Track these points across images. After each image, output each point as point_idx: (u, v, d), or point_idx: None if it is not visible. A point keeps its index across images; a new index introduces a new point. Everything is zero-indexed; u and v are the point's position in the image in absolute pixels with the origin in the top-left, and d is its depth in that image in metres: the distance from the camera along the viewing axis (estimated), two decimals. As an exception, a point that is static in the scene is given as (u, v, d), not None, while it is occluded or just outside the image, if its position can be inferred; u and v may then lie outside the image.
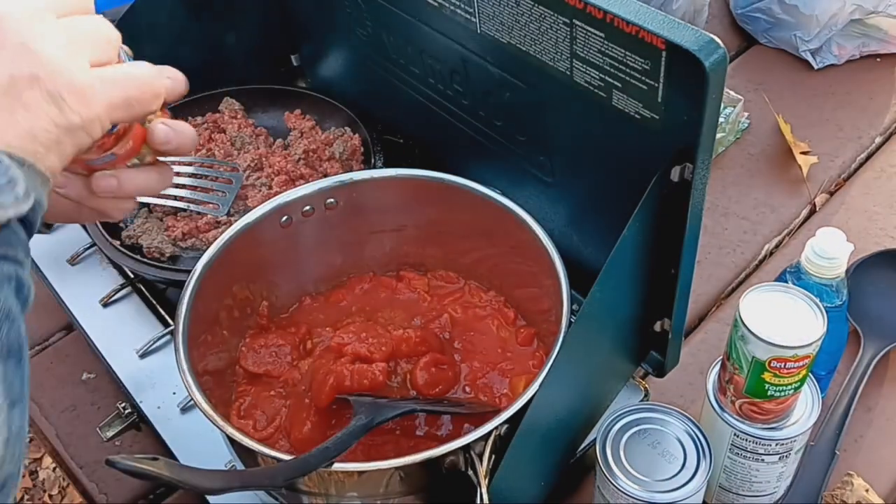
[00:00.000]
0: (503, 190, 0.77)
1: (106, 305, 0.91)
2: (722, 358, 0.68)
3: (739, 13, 1.27)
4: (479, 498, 0.59)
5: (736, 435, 0.68)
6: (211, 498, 0.74)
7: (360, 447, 0.68)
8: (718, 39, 0.53)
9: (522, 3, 0.64)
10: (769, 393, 0.64)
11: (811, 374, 0.66)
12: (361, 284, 0.85)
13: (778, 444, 0.67)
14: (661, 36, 0.54)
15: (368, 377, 0.70)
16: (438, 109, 0.85)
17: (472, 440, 0.60)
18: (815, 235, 0.69)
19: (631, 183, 0.60)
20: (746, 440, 0.67)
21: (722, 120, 1.07)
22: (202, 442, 0.76)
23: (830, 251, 0.68)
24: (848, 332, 0.78)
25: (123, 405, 0.83)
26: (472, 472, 0.60)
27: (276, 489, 0.58)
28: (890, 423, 0.81)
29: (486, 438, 0.60)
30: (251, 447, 0.61)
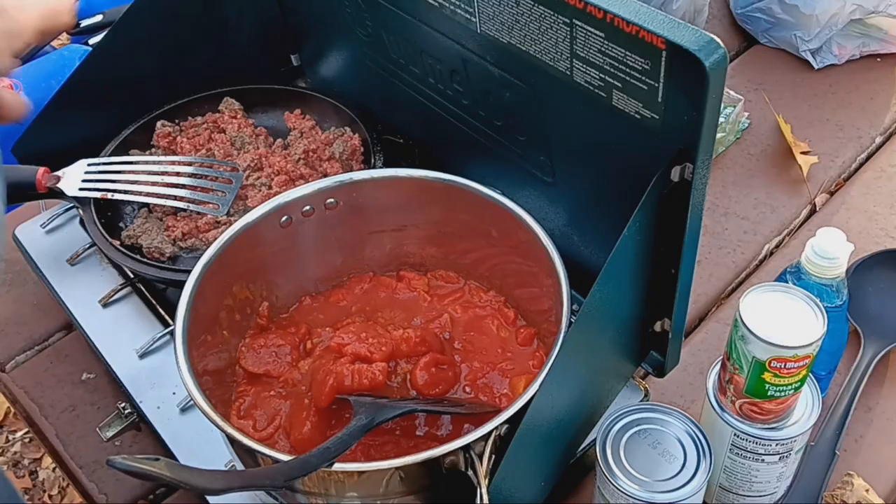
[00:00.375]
0: (503, 190, 0.77)
1: (106, 305, 0.91)
2: (722, 358, 0.68)
3: (739, 13, 1.27)
4: (479, 498, 0.59)
5: (736, 435, 0.68)
6: (211, 498, 0.74)
7: (360, 447, 0.68)
8: (718, 39, 0.53)
9: (522, 2, 0.64)
10: (769, 393, 0.64)
11: (811, 374, 0.66)
12: (361, 284, 0.85)
13: (778, 444, 0.67)
14: (661, 36, 0.54)
15: (368, 377, 0.69)
16: (438, 109, 0.85)
17: (472, 440, 0.60)
18: (815, 235, 0.69)
19: (631, 183, 0.60)
20: (746, 440, 0.67)
21: (722, 120, 1.07)
22: (202, 442, 0.76)
23: (830, 251, 0.68)
24: (848, 332, 0.78)
25: (123, 405, 0.83)
26: (471, 472, 0.60)
27: (276, 489, 0.58)
28: (890, 423, 0.81)
29: (486, 438, 0.60)
30: (251, 447, 0.61)
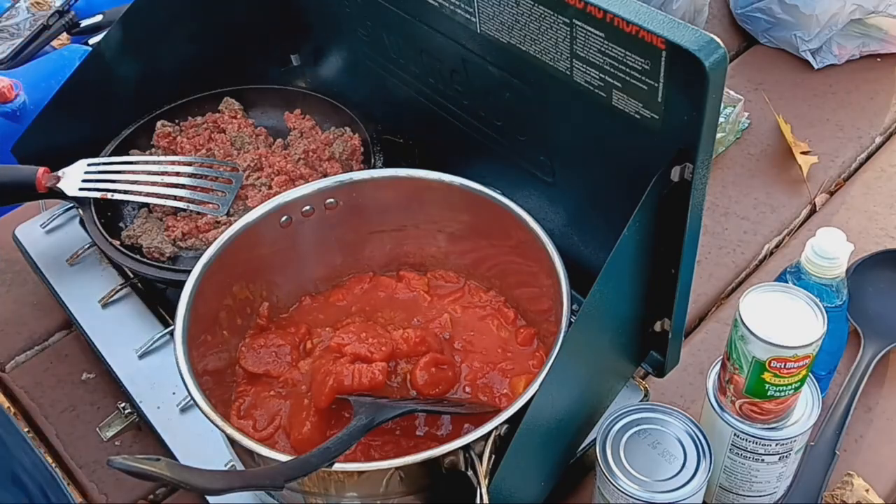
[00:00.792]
0: (503, 190, 0.77)
1: (105, 305, 0.91)
2: (722, 358, 0.68)
3: (739, 13, 1.27)
4: (479, 498, 0.59)
5: (736, 435, 0.68)
6: (211, 498, 0.74)
7: (359, 447, 0.68)
8: (718, 39, 0.53)
9: (522, 2, 0.64)
10: (769, 393, 0.64)
11: (811, 374, 0.66)
12: (361, 284, 0.85)
13: (778, 444, 0.67)
14: (661, 36, 0.54)
15: (368, 377, 0.69)
16: (438, 109, 0.85)
17: (472, 440, 0.60)
18: (815, 235, 0.69)
19: (631, 183, 0.60)
20: (746, 440, 0.67)
21: (722, 120, 1.07)
22: (202, 442, 0.76)
23: (830, 251, 0.68)
24: (848, 332, 0.78)
25: (123, 405, 0.83)
26: (471, 472, 0.60)
27: (276, 489, 0.58)
28: (890, 423, 0.81)
29: (486, 438, 0.60)
30: (251, 448, 0.61)
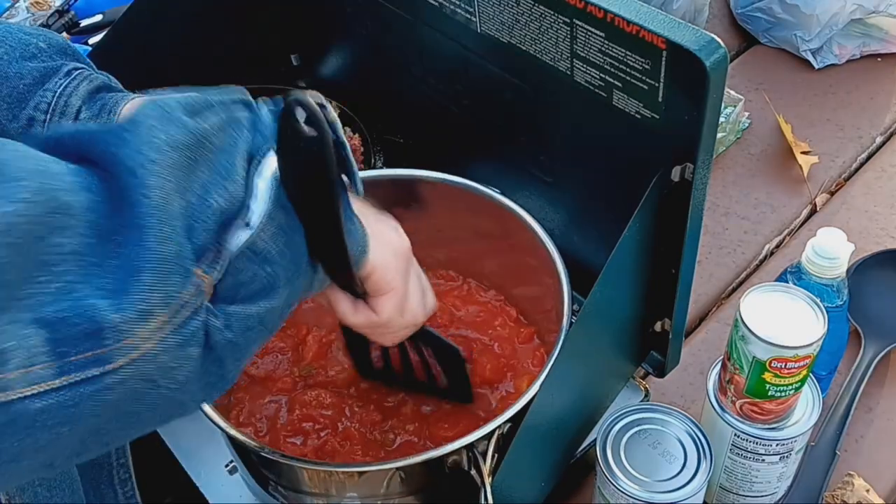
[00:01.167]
0: (503, 190, 0.77)
1: (106, 305, 0.90)
2: (722, 358, 0.68)
3: (740, 13, 1.27)
4: (483, 497, 0.59)
5: (736, 435, 0.67)
6: (212, 498, 0.74)
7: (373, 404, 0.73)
8: (719, 39, 0.53)
9: (523, 2, 0.64)
10: (770, 393, 0.64)
11: (812, 374, 0.66)
12: (361, 284, 0.85)
13: (778, 444, 0.67)
14: (661, 35, 0.54)
15: None
16: (438, 109, 0.85)
17: (475, 439, 0.60)
18: (815, 235, 0.69)
19: (631, 183, 0.60)
20: (747, 440, 0.67)
21: (722, 119, 1.07)
22: (202, 442, 0.76)
23: (831, 251, 0.68)
24: (848, 332, 0.78)
25: (123, 405, 0.82)
26: (475, 470, 0.60)
27: None
28: (891, 423, 0.81)
29: (489, 437, 0.60)
30: (252, 447, 0.62)
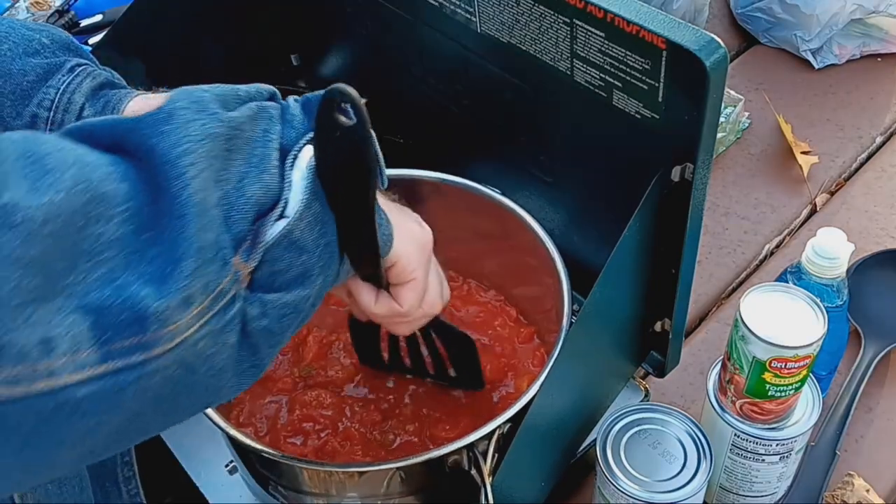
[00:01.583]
0: (503, 190, 0.77)
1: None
2: (722, 358, 0.68)
3: (740, 13, 1.27)
4: (483, 497, 0.59)
5: (736, 435, 0.67)
6: (211, 498, 0.74)
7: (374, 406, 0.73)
8: (719, 39, 0.53)
9: (523, 2, 0.64)
10: (770, 393, 0.64)
11: (812, 374, 0.66)
12: (361, 285, 0.85)
13: (778, 444, 0.67)
14: (661, 35, 0.54)
15: None
16: (438, 109, 0.85)
17: (475, 439, 0.60)
18: (815, 235, 0.69)
19: (631, 183, 0.60)
20: (747, 440, 0.67)
21: (722, 120, 1.07)
22: (202, 442, 0.76)
23: (831, 251, 0.68)
24: (848, 332, 0.78)
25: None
26: (475, 470, 0.60)
27: None
28: (891, 423, 0.81)
29: (489, 437, 0.60)
30: (252, 447, 0.62)
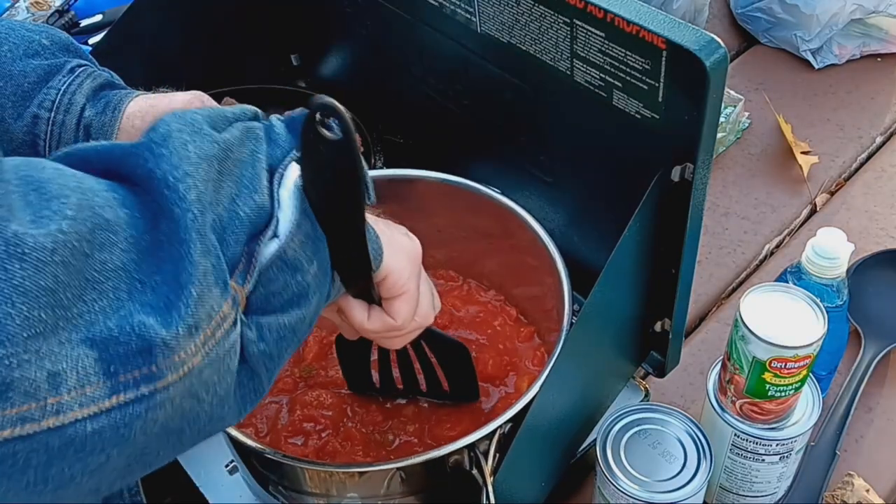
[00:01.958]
0: (503, 190, 0.77)
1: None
2: (722, 358, 0.68)
3: (740, 13, 1.27)
4: (484, 497, 0.59)
5: (736, 435, 0.67)
6: (211, 498, 0.74)
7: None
8: (719, 39, 0.53)
9: (523, 2, 0.64)
10: (770, 393, 0.64)
11: (812, 374, 0.66)
12: (361, 285, 0.85)
13: (778, 444, 0.67)
14: (661, 35, 0.54)
15: None
16: (438, 109, 0.85)
17: (476, 439, 0.60)
18: (815, 235, 0.69)
19: (631, 183, 0.60)
20: (747, 440, 0.67)
21: (722, 119, 1.07)
22: (202, 442, 0.76)
23: (831, 251, 0.68)
24: (848, 332, 0.78)
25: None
26: (476, 470, 0.60)
27: None
28: (891, 423, 0.81)
29: (490, 437, 0.60)
30: (253, 448, 0.62)
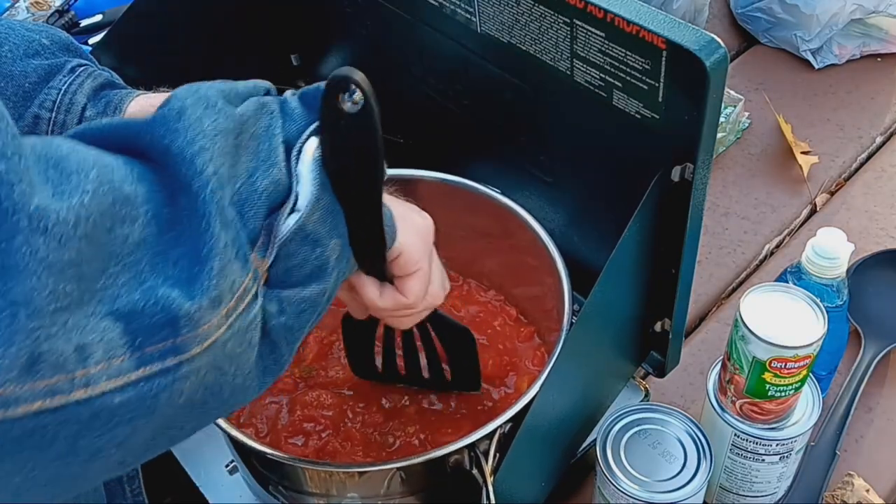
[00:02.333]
0: (503, 190, 0.77)
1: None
2: (722, 358, 0.68)
3: (740, 13, 1.27)
4: (485, 497, 0.59)
5: (736, 435, 0.67)
6: (211, 498, 0.74)
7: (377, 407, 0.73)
8: (719, 39, 0.53)
9: (523, 2, 0.64)
10: (770, 393, 0.64)
11: (812, 374, 0.66)
12: (361, 285, 0.85)
13: (778, 444, 0.67)
14: (661, 35, 0.54)
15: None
16: (438, 109, 0.85)
17: (476, 438, 0.60)
18: (815, 235, 0.69)
19: (631, 183, 0.60)
20: (747, 440, 0.67)
21: (722, 119, 1.07)
22: (202, 442, 0.76)
23: (831, 251, 0.68)
24: (848, 332, 0.78)
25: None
26: (476, 470, 0.60)
27: None
28: (891, 423, 0.81)
29: (490, 437, 0.60)
30: (253, 448, 0.62)
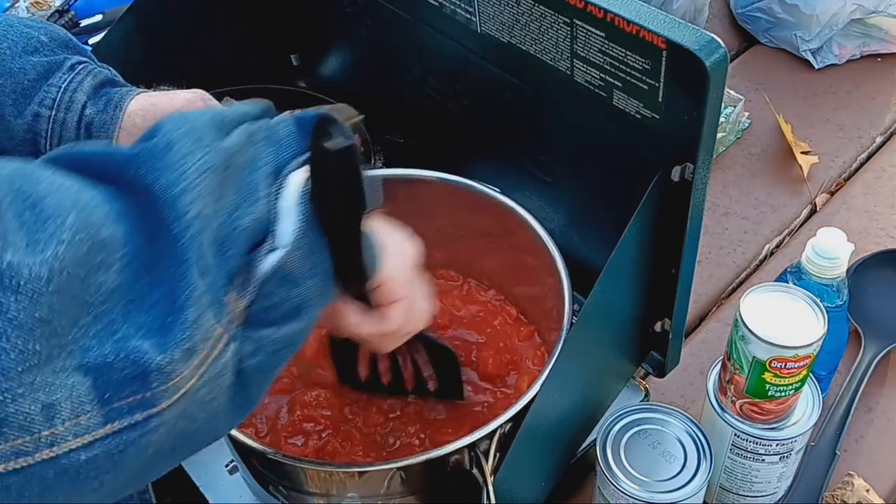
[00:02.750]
0: (503, 190, 0.77)
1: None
2: (722, 358, 0.68)
3: (740, 13, 1.27)
4: (485, 497, 0.59)
5: (736, 435, 0.67)
6: (211, 498, 0.74)
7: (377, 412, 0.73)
8: (719, 39, 0.53)
9: (523, 2, 0.64)
10: (770, 393, 0.64)
11: (812, 374, 0.66)
12: (361, 284, 0.85)
13: (778, 444, 0.67)
14: (661, 35, 0.54)
15: None
16: (438, 109, 0.85)
17: (477, 438, 0.60)
18: (815, 235, 0.69)
19: (631, 183, 0.60)
20: (747, 440, 0.67)
21: (722, 119, 1.07)
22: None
23: (831, 251, 0.68)
24: (848, 332, 0.78)
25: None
26: (477, 470, 0.60)
27: None
28: (891, 423, 0.81)
29: (490, 437, 0.60)
30: (253, 448, 0.62)
